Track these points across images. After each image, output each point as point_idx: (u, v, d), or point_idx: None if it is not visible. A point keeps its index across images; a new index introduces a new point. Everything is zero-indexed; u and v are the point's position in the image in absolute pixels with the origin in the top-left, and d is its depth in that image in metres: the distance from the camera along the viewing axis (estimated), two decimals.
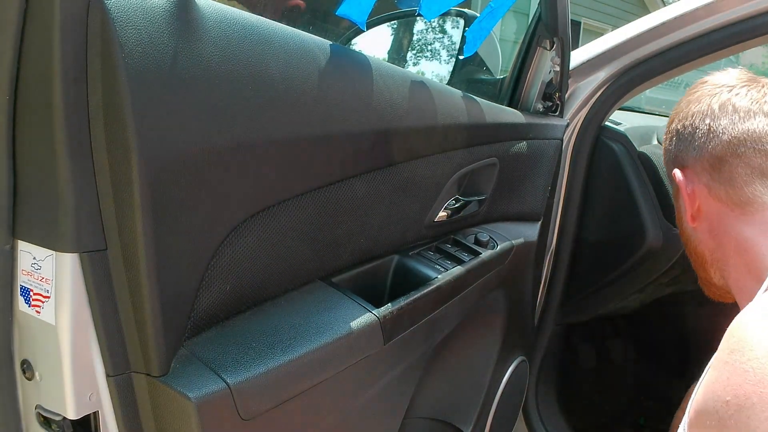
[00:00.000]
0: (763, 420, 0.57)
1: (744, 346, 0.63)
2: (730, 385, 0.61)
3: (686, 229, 0.92)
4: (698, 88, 0.91)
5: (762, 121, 0.81)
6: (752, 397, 0.59)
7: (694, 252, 0.92)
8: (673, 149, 0.91)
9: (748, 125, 0.81)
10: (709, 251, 0.88)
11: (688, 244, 0.93)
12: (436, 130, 0.96)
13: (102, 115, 0.55)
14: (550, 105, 1.34)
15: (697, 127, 0.85)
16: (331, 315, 0.78)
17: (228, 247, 0.67)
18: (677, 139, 0.89)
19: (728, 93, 0.85)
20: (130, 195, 0.56)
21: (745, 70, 0.91)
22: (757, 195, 0.79)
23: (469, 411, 1.21)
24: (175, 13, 0.58)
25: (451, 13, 1.49)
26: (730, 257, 0.83)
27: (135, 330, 0.60)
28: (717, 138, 0.83)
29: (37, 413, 0.63)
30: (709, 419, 0.63)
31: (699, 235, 0.89)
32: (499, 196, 1.21)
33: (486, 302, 1.17)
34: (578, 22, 9.59)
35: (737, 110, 0.83)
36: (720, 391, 0.63)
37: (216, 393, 0.62)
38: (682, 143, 0.88)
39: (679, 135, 0.89)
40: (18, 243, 0.60)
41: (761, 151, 0.79)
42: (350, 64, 0.81)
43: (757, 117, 0.81)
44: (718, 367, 0.65)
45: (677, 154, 0.90)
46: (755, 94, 0.84)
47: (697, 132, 0.85)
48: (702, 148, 0.84)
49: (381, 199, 0.89)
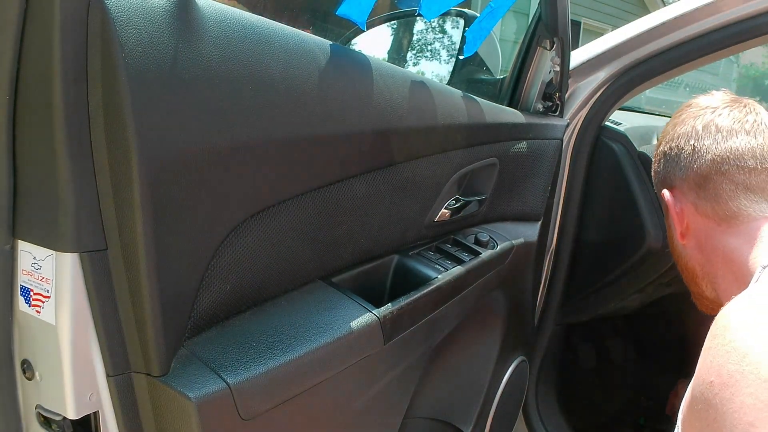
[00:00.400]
0: (747, 395, 0.59)
1: (726, 330, 0.65)
2: (714, 366, 0.64)
3: (677, 246, 0.95)
4: (683, 111, 0.94)
5: (743, 139, 0.84)
6: (735, 375, 0.60)
7: (686, 268, 0.95)
8: (662, 171, 0.94)
9: (731, 144, 0.84)
10: (700, 266, 0.91)
11: (680, 260, 0.96)
12: (436, 130, 0.96)
13: (102, 115, 0.55)
14: (550, 105, 1.34)
15: (682, 148, 0.89)
16: (331, 315, 0.78)
17: (228, 247, 0.67)
18: (664, 161, 0.93)
19: (711, 114, 0.88)
20: (130, 195, 0.56)
21: (728, 91, 0.94)
22: (742, 209, 0.83)
23: (469, 411, 1.21)
24: (175, 13, 0.58)
25: (451, 13, 1.49)
26: (718, 269, 0.86)
27: (135, 330, 0.60)
28: (701, 158, 0.86)
29: (37, 413, 0.63)
30: (697, 403, 0.65)
31: (689, 251, 0.92)
32: (499, 196, 1.21)
33: (486, 302, 1.17)
34: (578, 22, 9.59)
35: (720, 130, 0.86)
36: (704, 374, 0.65)
37: (216, 393, 0.62)
38: (669, 164, 0.92)
39: (666, 156, 0.92)
40: (18, 243, 0.60)
41: (744, 168, 0.83)
42: (350, 64, 0.81)
43: (739, 135, 0.85)
44: (702, 354, 0.68)
45: (665, 176, 0.93)
46: (737, 114, 0.87)
47: (683, 153, 0.89)
48: (687, 168, 0.88)
49: (381, 199, 0.89)
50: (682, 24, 1.30)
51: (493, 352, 1.25)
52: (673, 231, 0.95)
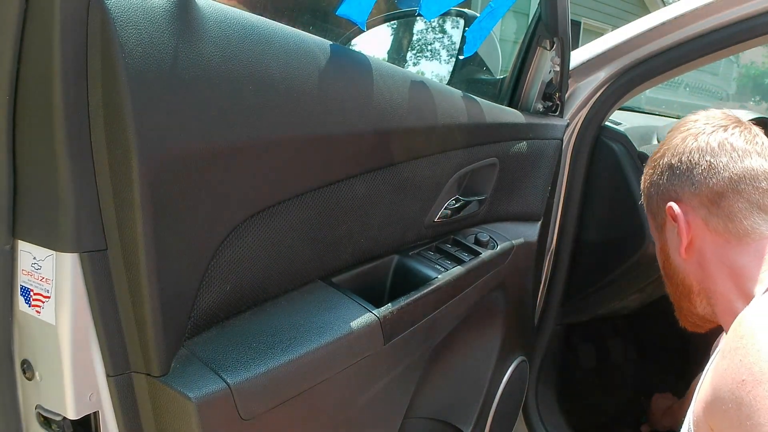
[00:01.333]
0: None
1: (754, 332, 0.68)
2: (744, 365, 0.66)
3: (674, 261, 0.94)
4: (688, 125, 0.93)
5: (757, 161, 0.86)
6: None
7: (682, 284, 0.94)
8: (665, 183, 0.92)
9: (747, 163, 0.86)
10: (698, 282, 0.91)
11: (675, 276, 0.95)
12: (436, 130, 0.96)
13: (102, 115, 0.55)
14: (550, 105, 1.34)
15: (696, 163, 0.88)
16: (332, 315, 0.78)
17: (228, 247, 0.67)
18: (670, 174, 0.91)
19: (724, 132, 0.89)
20: (130, 195, 0.56)
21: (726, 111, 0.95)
22: (755, 227, 0.84)
23: (469, 411, 1.21)
24: (175, 13, 0.58)
25: (451, 13, 1.49)
26: (719, 285, 0.87)
27: (135, 330, 0.60)
28: (718, 174, 0.86)
29: (37, 413, 0.63)
30: (725, 403, 0.67)
31: (688, 266, 0.91)
32: (499, 196, 1.21)
33: (486, 302, 1.17)
34: (578, 22, 9.58)
35: (735, 149, 0.87)
36: (734, 373, 0.67)
37: (216, 393, 0.62)
38: (677, 178, 0.90)
39: (674, 169, 0.91)
40: (18, 243, 0.60)
41: (758, 188, 0.85)
42: (350, 64, 0.81)
43: (752, 156, 0.86)
44: (727, 355, 0.69)
45: (669, 188, 0.92)
46: (747, 135, 0.88)
47: (696, 168, 0.88)
48: (701, 183, 0.87)
49: (381, 199, 0.89)
50: (682, 24, 1.30)
51: (493, 352, 1.25)
52: (669, 245, 0.94)
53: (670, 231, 0.93)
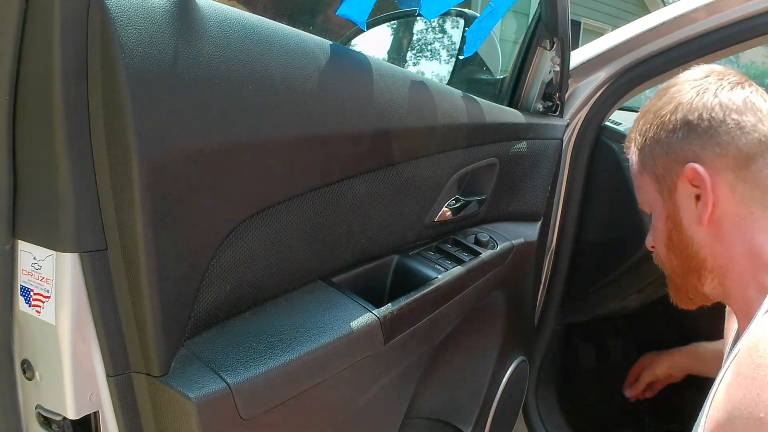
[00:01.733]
0: None
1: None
2: (762, 402, 0.60)
3: (687, 230, 0.82)
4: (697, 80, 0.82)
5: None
6: None
7: (694, 257, 0.83)
8: (679, 142, 0.80)
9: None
10: (713, 257, 0.81)
11: (685, 248, 0.84)
12: (436, 130, 0.96)
13: (102, 115, 0.55)
14: (550, 105, 1.34)
15: (722, 120, 0.77)
16: (332, 315, 0.78)
17: (228, 247, 0.67)
18: (688, 131, 0.79)
19: (742, 90, 0.79)
20: (130, 195, 0.56)
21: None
22: None
23: (469, 411, 1.21)
24: (175, 13, 0.58)
25: (451, 13, 1.49)
26: (737, 263, 0.78)
27: (135, 330, 0.60)
28: (747, 135, 0.76)
29: (37, 413, 0.63)
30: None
31: (704, 238, 0.81)
32: (499, 196, 1.21)
33: (486, 302, 1.17)
34: (578, 22, 9.59)
35: (759, 109, 0.78)
36: (751, 408, 0.61)
37: (216, 393, 0.62)
38: (697, 136, 0.78)
39: (692, 127, 0.79)
40: (18, 243, 0.60)
41: None
42: (350, 64, 0.81)
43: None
44: (743, 382, 0.63)
45: (686, 147, 0.79)
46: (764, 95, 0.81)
47: (723, 126, 0.77)
48: (729, 144, 0.76)
49: (381, 199, 0.89)
50: (682, 24, 1.30)
51: (493, 352, 1.25)
52: (682, 213, 0.82)
53: (685, 197, 0.81)
